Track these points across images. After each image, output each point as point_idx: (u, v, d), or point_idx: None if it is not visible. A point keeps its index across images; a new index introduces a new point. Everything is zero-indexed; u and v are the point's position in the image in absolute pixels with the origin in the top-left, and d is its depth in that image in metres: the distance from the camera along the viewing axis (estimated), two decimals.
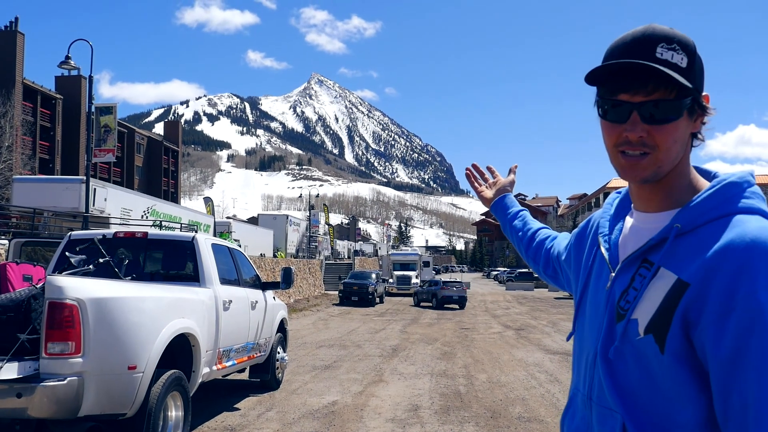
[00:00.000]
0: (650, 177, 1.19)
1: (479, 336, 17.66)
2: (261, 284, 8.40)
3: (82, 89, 51.62)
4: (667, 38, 1.15)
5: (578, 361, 1.37)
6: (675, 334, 1.10)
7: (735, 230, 1.09)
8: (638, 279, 1.19)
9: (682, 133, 1.18)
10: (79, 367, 4.23)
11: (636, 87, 1.15)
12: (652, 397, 1.15)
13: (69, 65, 19.60)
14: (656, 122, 1.15)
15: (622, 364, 1.19)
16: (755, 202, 1.16)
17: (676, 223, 1.16)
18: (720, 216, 1.14)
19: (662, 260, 1.16)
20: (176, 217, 26.26)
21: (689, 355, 1.10)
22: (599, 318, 1.27)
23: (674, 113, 1.15)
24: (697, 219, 1.15)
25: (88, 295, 4.32)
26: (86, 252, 6.25)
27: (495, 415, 7.67)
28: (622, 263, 1.25)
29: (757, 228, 1.08)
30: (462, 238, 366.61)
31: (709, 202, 1.16)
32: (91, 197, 19.23)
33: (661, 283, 1.14)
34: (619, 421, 1.18)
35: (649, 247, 1.20)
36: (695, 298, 1.08)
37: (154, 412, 4.83)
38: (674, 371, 1.11)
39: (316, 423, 7.03)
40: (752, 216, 1.12)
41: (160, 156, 71.44)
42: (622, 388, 1.20)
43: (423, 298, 31.84)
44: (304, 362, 11.66)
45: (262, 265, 26.85)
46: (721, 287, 1.05)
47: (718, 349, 1.04)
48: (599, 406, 1.24)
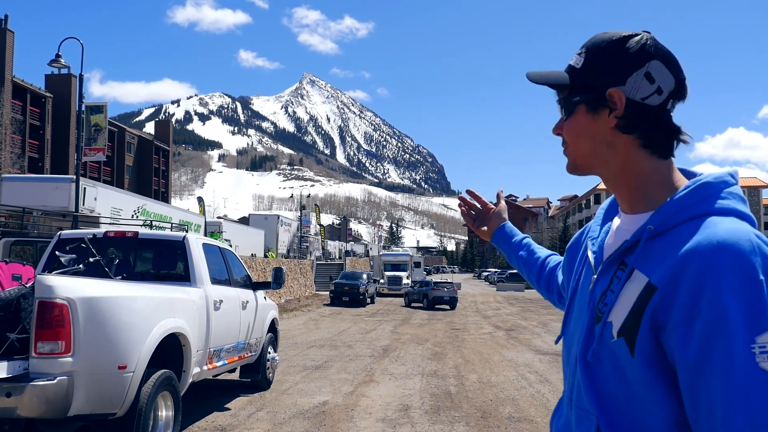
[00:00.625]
0: (571, 169, 1.30)
1: (470, 336, 17.69)
2: (252, 284, 8.39)
3: (73, 88, 51.36)
4: (583, 46, 1.27)
5: (565, 363, 1.38)
6: (644, 337, 1.10)
7: (705, 232, 1.07)
8: (615, 281, 1.19)
9: (585, 128, 1.23)
10: (69, 366, 4.21)
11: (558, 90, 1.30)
12: (626, 399, 1.15)
13: (59, 63, 19.50)
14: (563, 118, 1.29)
15: (599, 367, 1.19)
16: (731, 202, 1.14)
17: (649, 225, 1.16)
18: (693, 217, 1.12)
19: (635, 262, 1.16)
20: (167, 216, 26.16)
21: (659, 358, 1.10)
22: (582, 321, 1.28)
23: (568, 110, 1.26)
24: (669, 220, 1.14)
25: (78, 295, 4.31)
26: (76, 251, 6.24)
27: (485, 415, 7.70)
28: (602, 265, 1.25)
29: (726, 230, 1.06)
30: (453, 238, 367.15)
31: (681, 203, 1.15)
32: (81, 196, 19.12)
33: (634, 286, 1.14)
34: (594, 423, 1.18)
35: (624, 248, 1.20)
36: (663, 302, 1.07)
37: (144, 411, 4.82)
38: (644, 374, 1.11)
39: (307, 423, 7.03)
40: (726, 217, 1.11)
41: (151, 155, 71.14)
42: (598, 390, 1.19)
43: (414, 298, 31.86)
44: (295, 362, 11.65)
45: (253, 265, 26.80)
46: (687, 291, 1.04)
47: (685, 354, 1.04)
48: (577, 408, 1.25)
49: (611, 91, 1.18)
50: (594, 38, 1.25)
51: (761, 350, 0.98)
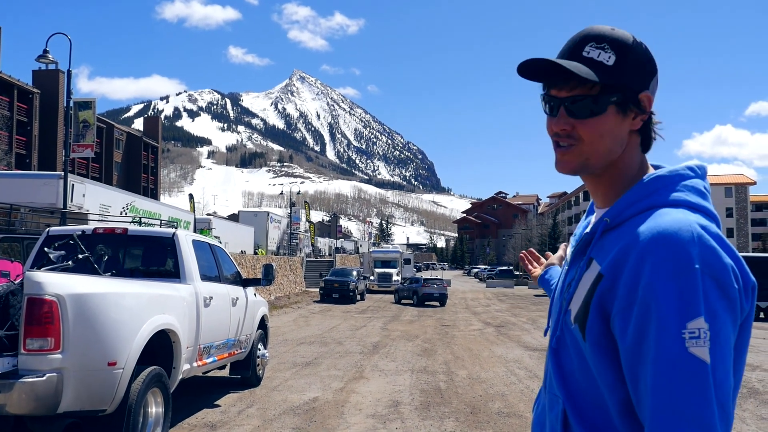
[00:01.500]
0: (578, 168, 1.24)
1: (459, 333, 17.76)
2: (242, 281, 8.39)
3: (60, 84, 51.01)
4: (598, 37, 1.20)
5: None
6: (594, 324, 1.15)
7: (649, 223, 1.11)
8: (579, 271, 1.25)
9: (611, 128, 1.20)
10: (58, 363, 4.20)
11: (560, 83, 1.22)
12: (586, 383, 1.21)
13: (47, 59, 19.34)
14: (580, 116, 1.20)
15: (564, 353, 1.26)
16: (684, 194, 1.17)
17: (605, 217, 1.21)
18: (644, 209, 1.17)
19: (592, 252, 1.22)
20: (156, 213, 26.05)
21: (608, 345, 1.14)
22: (556, 310, 1.34)
23: (597, 108, 1.19)
24: (621, 213, 1.19)
25: (67, 291, 4.29)
26: (65, 248, 6.21)
27: (475, 410, 7.74)
28: (570, 257, 1.33)
29: (669, 220, 1.09)
30: (443, 235, 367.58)
31: (633, 196, 1.20)
32: (69, 193, 18.99)
33: (589, 275, 1.20)
34: (561, 406, 1.24)
35: (586, 241, 1.26)
36: (608, 290, 1.12)
37: (134, 408, 4.81)
38: (595, 359, 1.16)
39: (297, 419, 7.04)
40: (675, 209, 1.14)
41: (140, 152, 70.76)
42: (563, 375, 1.26)
43: (404, 295, 31.92)
44: (285, 359, 11.66)
45: (242, 262, 26.74)
46: (627, 279, 1.08)
47: (624, 339, 1.08)
48: (549, 392, 1.32)
49: (643, 95, 1.21)
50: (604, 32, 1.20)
51: (691, 335, 1.01)
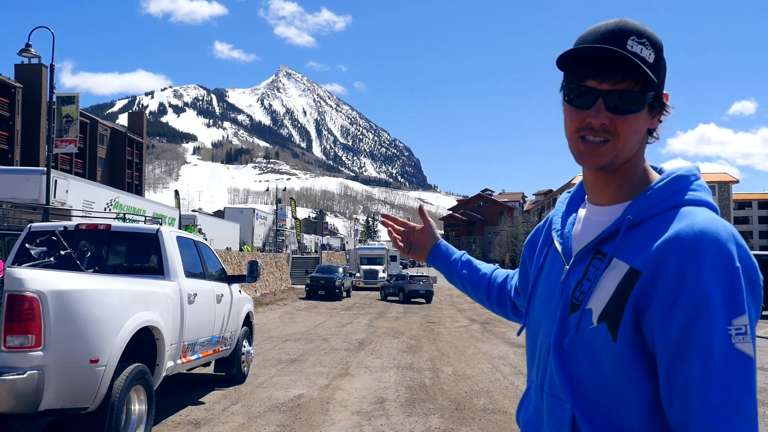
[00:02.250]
0: (607, 165, 1.22)
1: (445, 329, 17.80)
2: (227, 277, 8.34)
3: (43, 78, 50.43)
4: (639, 33, 1.18)
5: (531, 353, 1.40)
6: (627, 321, 1.14)
7: (684, 221, 1.13)
8: (592, 270, 1.22)
9: (642, 125, 1.21)
10: (39, 360, 4.15)
11: (604, 75, 1.18)
12: (599, 387, 1.18)
13: (29, 53, 19.14)
14: (620, 112, 1.18)
15: (574, 355, 1.22)
16: (701, 194, 1.21)
17: (628, 215, 1.20)
18: (669, 208, 1.18)
19: (615, 251, 1.19)
20: (140, 209, 25.88)
21: (638, 342, 1.14)
22: (552, 310, 1.30)
23: (637, 105, 1.19)
24: (647, 211, 1.19)
25: (48, 288, 4.25)
26: (47, 244, 6.15)
27: (460, 407, 7.76)
28: (576, 255, 1.28)
29: (704, 219, 1.12)
30: None
31: (659, 195, 1.20)
32: (52, 189, 18.83)
33: (613, 273, 1.18)
34: (569, 411, 1.21)
35: (602, 239, 1.23)
36: (646, 286, 1.12)
37: (116, 405, 4.77)
38: (624, 358, 1.15)
39: (282, 416, 7.02)
40: (699, 207, 1.17)
41: (124, 147, 70.21)
42: (572, 378, 1.22)
43: (390, 292, 31.94)
44: (271, 356, 11.62)
45: (228, 258, 26.62)
46: (670, 275, 1.08)
47: (666, 334, 1.08)
48: (550, 396, 1.27)
49: (666, 94, 1.24)
50: (642, 28, 1.19)
51: (737, 332, 1.05)
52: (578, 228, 1.34)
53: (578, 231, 1.33)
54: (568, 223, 1.38)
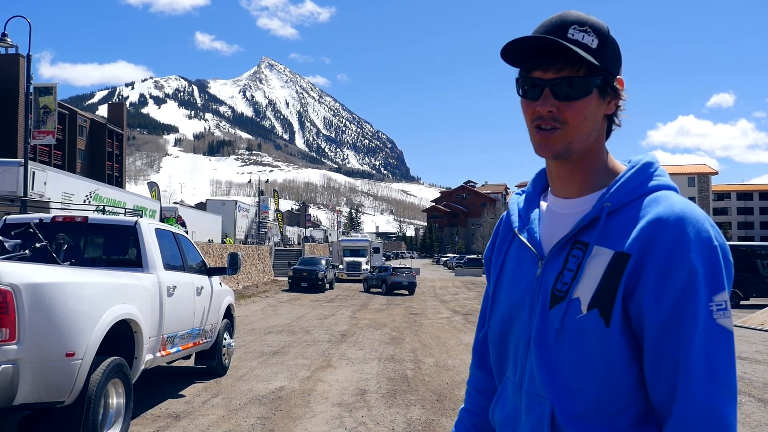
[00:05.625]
0: (561, 152, 1.23)
1: (427, 321, 17.86)
2: (207, 270, 8.29)
3: (21, 68, 49.58)
4: (580, 21, 1.21)
5: (501, 353, 1.37)
6: (618, 305, 1.16)
7: (662, 204, 1.17)
8: (572, 260, 1.22)
9: (593, 111, 1.22)
10: (13, 354, 4.09)
11: (546, 64, 1.20)
12: (582, 378, 1.18)
13: (6, 43, 18.75)
14: (565, 99, 1.20)
15: (558, 348, 1.21)
16: (666, 179, 1.26)
17: (606, 203, 1.22)
18: (642, 194, 1.22)
19: (597, 239, 1.20)
20: (121, 202, 25.60)
21: (626, 324, 1.17)
22: (529, 306, 1.28)
23: (583, 91, 1.20)
24: (623, 198, 1.22)
25: (23, 281, 4.18)
26: (22, 236, 6.05)
27: (441, 398, 7.79)
28: (553, 249, 1.27)
29: (681, 203, 1.17)
30: (412, 224, 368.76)
31: (633, 182, 1.24)
32: (30, 181, 18.52)
33: (597, 261, 1.19)
34: (548, 408, 1.20)
35: (579, 228, 1.23)
36: (634, 267, 1.15)
37: (93, 399, 4.72)
38: (616, 342, 1.16)
39: (263, 408, 7.01)
40: (668, 191, 1.22)
41: (104, 139, 69.39)
42: (554, 373, 1.22)
43: (373, 284, 31.98)
44: (252, 348, 11.59)
45: (210, 251, 26.47)
46: (659, 255, 1.12)
47: (657, 310, 1.12)
48: (529, 393, 1.26)
49: (619, 79, 1.25)
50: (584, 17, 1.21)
51: (718, 307, 1.11)
52: (547, 223, 1.33)
53: (547, 225, 1.33)
54: (533, 219, 1.37)
